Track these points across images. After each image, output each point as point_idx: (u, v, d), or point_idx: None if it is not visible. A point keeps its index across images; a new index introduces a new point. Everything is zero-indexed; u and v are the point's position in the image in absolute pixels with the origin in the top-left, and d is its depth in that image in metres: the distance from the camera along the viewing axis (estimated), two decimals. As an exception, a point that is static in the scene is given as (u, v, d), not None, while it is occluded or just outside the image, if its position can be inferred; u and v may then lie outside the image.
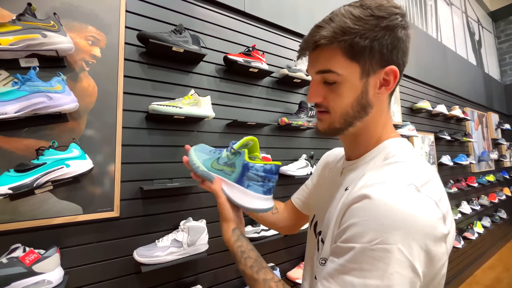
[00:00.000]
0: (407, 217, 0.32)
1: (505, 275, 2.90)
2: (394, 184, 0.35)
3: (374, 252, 0.31)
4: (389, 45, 0.40)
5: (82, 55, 0.95)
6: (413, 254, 0.31)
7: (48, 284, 0.76)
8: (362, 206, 0.34)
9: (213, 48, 1.30)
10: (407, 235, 0.31)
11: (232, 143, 0.51)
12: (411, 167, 0.39)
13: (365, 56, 0.40)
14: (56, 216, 0.86)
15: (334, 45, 0.40)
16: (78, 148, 0.86)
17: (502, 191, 3.83)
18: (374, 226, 0.32)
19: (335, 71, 0.41)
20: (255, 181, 0.48)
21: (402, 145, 0.44)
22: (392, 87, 0.43)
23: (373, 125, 0.46)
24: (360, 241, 0.32)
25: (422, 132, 2.59)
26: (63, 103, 0.83)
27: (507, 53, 5.06)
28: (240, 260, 0.47)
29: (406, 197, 0.33)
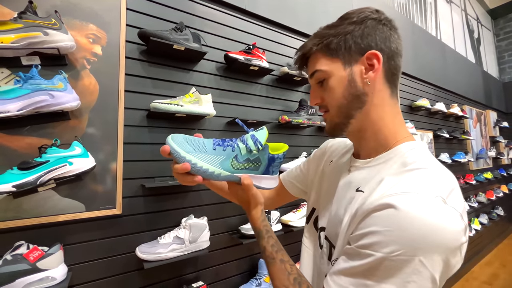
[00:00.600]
0: (433, 232, 0.31)
1: (502, 271, 2.94)
2: (421, 195, 0.33)
3: (394, 263, 0.32)
4: (362, 35, 0.44)
5: (83, 53, 0.95)
6: (434, 266, 0.31)
7: (52, 281, 0.77)
8: (386, 215, 0.33)
9: (214, 46, 1.30)
10: (431, 248, 0.31)
11: (254, 138, 0.50)
12: (434, 176, 0.37)
13: (342, 49, 0.45)
14: (59, 214, 0.86)
15: (315, 51, 0.47)
16: (80, 146, 0.86)
17: (500, 189, 3.86)
18: (397, 238, 0.32)
19: (320, 69, 0.47)
20: (277, 166, 0.55)
21: (420, 150, 0.43)
22: (379, 69, 0.44)
23: (377, 117, 0.45)
24: (381, 251, 0.32)
25: (421, 130, 2.61)
26: (65, 101, 0.83)
27: (506, 51, 5.07)
28: (264, 237, 0.50)
29: (434, 211, 0.32)
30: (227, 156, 0.49)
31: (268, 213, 1.31)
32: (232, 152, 0.49)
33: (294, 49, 1.66)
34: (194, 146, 0.47)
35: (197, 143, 0.48)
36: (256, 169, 0.52)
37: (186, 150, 0.46)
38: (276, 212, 1.34)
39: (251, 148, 0.49)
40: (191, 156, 0.46)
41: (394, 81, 0.47)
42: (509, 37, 5.04)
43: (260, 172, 0.53)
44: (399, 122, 0.47)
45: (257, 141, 0.50)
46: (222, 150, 0.49)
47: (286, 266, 0.45)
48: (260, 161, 0.52)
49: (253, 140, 0.50)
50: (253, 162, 0.51)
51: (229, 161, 0.49)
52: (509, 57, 5.03)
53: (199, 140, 0.49)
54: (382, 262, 0.32)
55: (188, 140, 0.47)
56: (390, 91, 0.46)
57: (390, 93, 0.47)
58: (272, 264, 0.46)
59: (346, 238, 0.40)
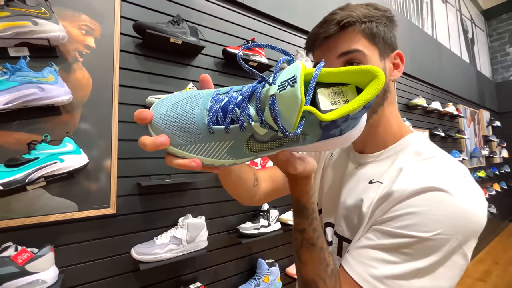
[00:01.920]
0: (470, 207, 0.33)
1: (494, 268, 2.99)
2: (456, 176, 0.35)
3: (433, 242, 0.32)
4: (392, 32, 0.45)
5: (75, 45, 0.91)
6: (467, 244, 0.33)
7: (42, 284, 0.73)
8: (425, 197, 0.34)
9: (212, 41, 1.27)
10: (467, 225, 0.32)
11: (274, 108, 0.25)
12: (449, 161, 0.39)
13: (380, 39, 0.43)
14: (50, 214, 0.82)
15: (356, 27, 0.42)
16: (72, 142, 0.82)
17: (492, 187, 3.93)
18: (437, 217, 0.32)
19: (360, 50, 0.41)
20: (350, 125, 0.28)
21: (425, 140, 0.45)
22: (402, 70, 0.46)
23: (390, 114, 0.46)
24: (420, 230, 0.33)
25: (417, 129, 2.62)
26: (56, 95, 0.79)
27: (498, 52, 5.15)
28: (308, 217, 0.39)
29: (466, 187, 0.34)
30: (235, 139, 0.29)
31: (267, 211, 1.29)
32: (242, 132, 0.28)
33: (293, 45, 1.63)
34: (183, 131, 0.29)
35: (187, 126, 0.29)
36: (298, 142, 0.29)
37: (175, 144, 0.29)
38: (275, 210, 1.32)
39: (271, 125, 0.27)
40: (183, 152, 0.30)
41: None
42: (501, 38, 5.12)
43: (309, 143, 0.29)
44: (400, 117, 0.49)
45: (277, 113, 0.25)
46: (224, 132, 0.29)
47: (325, 255, 0.39)
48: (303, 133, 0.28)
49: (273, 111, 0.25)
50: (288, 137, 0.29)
51: (242, 145, 0.30)
52: (502, 58, 5.11)
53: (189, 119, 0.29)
54: (419, 242, 0.32)
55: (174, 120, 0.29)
56: (394, 91, 0.49)
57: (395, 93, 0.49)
58: (310, 250, 0.39)
59: (369, 226, 0.40)
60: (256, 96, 0.27)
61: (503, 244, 3.74)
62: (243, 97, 0.28)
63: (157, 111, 0.29)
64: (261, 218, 1.25)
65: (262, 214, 1.27)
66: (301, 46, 1.68)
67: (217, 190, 1.22)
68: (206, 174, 1.18)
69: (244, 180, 0.51)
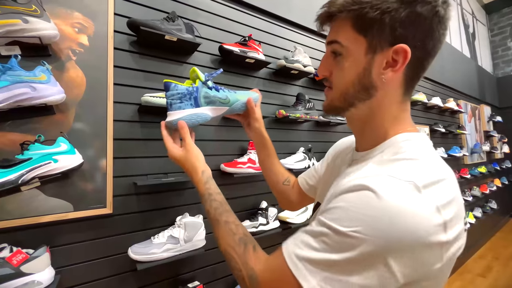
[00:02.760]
0: (394, 216, 0.30)
1: (495, 264, 2.99)
2: (392, 178, 0.32)
3: (350, 239, 0.31)
4: (404, 21, 0.35)
5: (68, 43, 0.89)
6: (393, 255, 0.30)
7: (38, 285, 0.73)
8: (353, 195, 0.33)
9: (208, 38, 1.25)
10: (390, 233, 0.30)
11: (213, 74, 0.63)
12: (420, 166, 0.35)
13: (373, 29, 0.37)
14: (45, 214, 0.81)
15: (344, 15, 0.39)
16: (66, 142, 0.81)
17: (493, 182, 3.92)
18: (358, 215, 0.31)
19: (340, 42, 0.40)
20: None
21: (417, 141, 0.40)
22: (399, 69, 0.38)
23: (380, 114, 0.42)
24: (340, 224, 0.32)
25: (417, 125, 2.60)
26: (49, 94, 0.77)
27: (500, 46, 5.11)
28: (207, 200, 0.51)
29: (400, 193, 0.31)
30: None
31: (266, 209, 1.28)
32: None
33: (291, 41, 1.61)
34: None
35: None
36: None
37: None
38: (273, 209, 1.31)
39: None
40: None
41: (413, 82, 0.41)
42: (503, 32, 5.07)
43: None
44: (404, 118, 0.43)
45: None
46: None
47: (231, 227, 0.46)
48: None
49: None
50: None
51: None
52: (503, 52, 5.07)
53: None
54: (336, 234, 0.32)
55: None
56: (404, 91, 0.41)
57: (404, 93, 0.41)
58: (217, 226, 0.48)
59: None
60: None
61: (503, 240, 3.74)
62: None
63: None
64: (260, 217, 1.25)
65: (260, 212, 1.27)
66: (299, 42, 1.66)
67: (215, 189, 1.21)
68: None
69: (277, 170, 0.74)
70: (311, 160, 1.49)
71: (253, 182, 1.35)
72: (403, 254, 0.30)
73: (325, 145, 1.72)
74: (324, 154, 0.69)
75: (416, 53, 0.37)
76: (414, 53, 0.37)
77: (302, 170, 1.41)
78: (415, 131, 0.42)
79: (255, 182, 1.36)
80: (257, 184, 1.36)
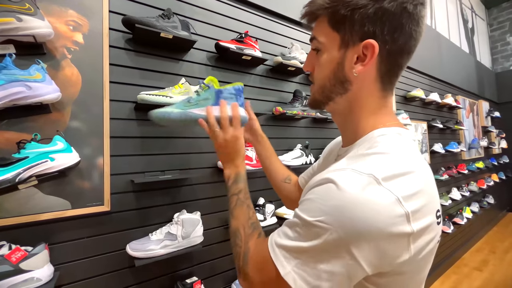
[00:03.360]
0: (354, 205, 0.32)
1: (491, 257, 3.03)
2: (354, 171, 0.34)
3: (316, 228, 0.34)
4: (372, 17, 0.37)
5: (63, 41, 0.89)
6: (355, 245, 0.32)
7: (38, 282, 0.74)
8: (320, 188, 0.36)
9: (204, 35, 1.25)
10: (350, 223, 0.31)
11: (201, 82, 0.67)
12: (387, 159, 0.35)
13: (345, 25, 0.40)
14: (43, 212, 0.82)
15: (321, 12, 0.42)
16: (63, 140, 0.82)
17: (490, 177, 3.94)
18: (322, 206, 0.34)
19: (318, 38, 0.43)
20: (230, 98, 0.64)
21: (393, 135, 0.40)
22: (368, 64, 0.39)
23: (358, 108, 0.43)
24: (308, 215, 0.35)
25: (415, 121, 2.61)
26: (44, 93, 0.78)
27: (499, 41, 5.09)
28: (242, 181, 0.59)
29: (359, 185, 0.32)
30: (180, 103, 0.67)
31: (263, 206, 1.29)
32: (186, 100, 0.67)
33: (288, 38, 1.61)
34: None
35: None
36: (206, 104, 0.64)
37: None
38: (271, 205, 1.32)
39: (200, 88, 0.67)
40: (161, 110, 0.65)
41: (389, 77, 0.42)
42: (502, 27, 5.05)
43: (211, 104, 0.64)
44: (385, 113, 0.44)
45: (202, 82, 0.66)
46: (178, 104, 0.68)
47: (250, 212, 0.53)
48: (208, 98, 0.64)
49: (200, 82, 0.67)
50: (203, 100, 0.65)
51: (183, 104, 0.66)
52: (502, 47, 5.06)
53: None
54: (304, 224, 0.35)
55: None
56: (381, 86, 0.42)
57: (381, 88, 0.42)
58: (240, 207, 0.54)
59: None
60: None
61: (500, 234, 3.78)
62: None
63: None
64: (257, 213, 1.26)
65: (258, 209, 1.28)
66: (296, 38, 1.65)
67: (212, 186, 1.22)
68: (200, 170, 1.18)
69: (278, 168, 0.78)
70: (308, 157, 1.49)
71: (250, 179, 1.36)
72: (364, 243, 0.31)
73: (322, 141, 1.72)
74: (321, 151, 0.71)
75: (386, 48, 0.39)
76: (384, 48, 0.39)
77: (299, 167, 1.42)
78: (396, 125, 0.43)
79: (252, 179, 1.37)
80: (254, 181, 1.37)
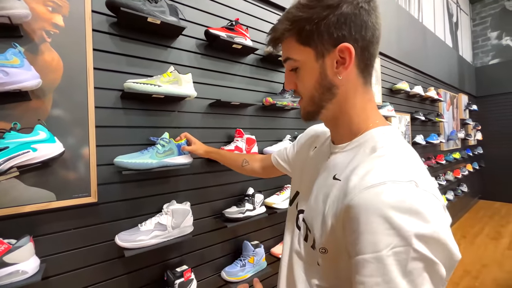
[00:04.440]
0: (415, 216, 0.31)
1: (462, 241, 3.27)
2: (396, 183, 0.33)
3: (390, 258, 0.30)
4: (336, 23, 0.40)
5: (41, 23, 0.83)
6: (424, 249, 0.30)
7: (23, 274, 0.72)
8: (365, 211, 0.33)
9: (193, 21, 1.20)
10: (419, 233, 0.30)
11: (155, 139, 1.02)
12: (403, 160, 0.38)
13: (314, 38, 0.42)
14: (26, 204, 0.79)
15: (287, 35, 0.44)
16: (45, 130, 0.78)
17: (466, 167, 4.18)
18: (384, 230, 0.31)
19: (292, 58, 0.45)
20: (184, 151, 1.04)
21: (390, 134, 0.44)
22: (349, 65, 0.42)
23: (348, 106, 0.46)
24: (375, 250, 0.31)
25: (399, 113, 2.69)
26: (23, 80, 0.73)
27: (480, 36, 5.27)
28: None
29: (412, 196, 0.32)
30: (148, 153, 0.96)
31: (252, 196, 1.31)
32: (152, 150, 0.97)
33: (279, 27, 1.58)
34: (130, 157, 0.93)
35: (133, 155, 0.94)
36: (172, 154, 1.01)
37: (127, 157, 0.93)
38: (260, 195, 1.34)
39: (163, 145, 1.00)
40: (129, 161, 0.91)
41: (367, 69, 0.45)
42: (484, 22, 5.21)
43: (176, 155, 1.02)
44: (371, 108, 0.47)
45: (156, 139, 1.01)
46: (142, 153, 0.96)
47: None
48: (172, 149, 1.01)
49: (157, 140, 1.01)
50: (169, 151, 1.00)
51: (154, 154, 0.96)
52: (483, 42, 5.24)
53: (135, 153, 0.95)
54: (380, 261, 0.31)
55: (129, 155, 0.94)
56: (363, 80, 0.46)
57: (363, 82, 0.46)
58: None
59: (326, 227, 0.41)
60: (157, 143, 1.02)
61: (471, 219, 4.07)
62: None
63: None
64: (246, 203, 1.28)
65: (247, 198, 1.30)
66: (287, 28, 1.63)
67: (202, 176, 1.22)
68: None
69: (233, 160, 0.98)
70: (297, 148, 1.51)
71: (240, 169, 1.37)
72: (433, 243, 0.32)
73: (311, 132, 1.75)
74: (310, 142, 0.72)
75: (359, 45, 0.42)
76: (357, 47, 0.42)
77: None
78: (386, 123, 0.46)
79: (242, 169, 1.38)
80: (244, 171, 1.38)
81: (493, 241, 3.24)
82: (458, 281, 2.37)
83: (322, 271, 0.44)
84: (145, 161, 0.93)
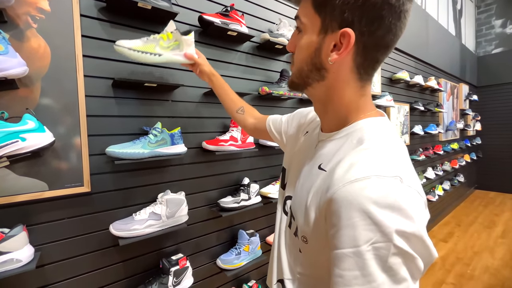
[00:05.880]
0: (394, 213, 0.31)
1: (456, 230, 3.33)
2: (380, 178, 0.33)
3: (369, 253, 0.30)
4: (352, 4, 0.36)
5: (25, 8, 0.80)
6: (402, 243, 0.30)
7: (18, 263, 0.73)
8: (347, 205, 0.32)
9: (186, 6, 1.16)
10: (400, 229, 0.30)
11: (147, 128, 1.01)
12: (388, 154, 0.37)
13: (326, 9, 0.38)
14: (17, 194, 0.79)
15: None
16: (34, 119, 0.77)
17: (463, 158, 4.20)
18: (365, 226, 0.31)
19: (300, 18, 0.42)
20: (179, 138, 1.07)
21: (379, 126, 0.42)
22: (342, 53, 0.38)
23: (336, 97, 0.43)
24: (354, 245, 0.31)
25: (398, 103, 2.67)
26: (8, 67, 0.71)
27: (484, 24, 5.15)
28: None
29: (396, 192, 0.32)
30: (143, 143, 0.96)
31: (248, 186, 1.31)
32: (145, 140, 0.97)
33: (276, 13, 1.54)
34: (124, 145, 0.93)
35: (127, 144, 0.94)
36: (166, 144, 1.01)
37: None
38: (255, 184, 1.35)
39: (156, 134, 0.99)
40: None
41: (365, 70, 0.41)
42: (489, 10, 5.08)
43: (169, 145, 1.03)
44: (364, 101, 0.44)
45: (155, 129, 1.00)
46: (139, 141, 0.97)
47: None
48: (164, 138, 1.01)
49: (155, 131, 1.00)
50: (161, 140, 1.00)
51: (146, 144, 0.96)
52: (487, 31, 5.13)
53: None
54: (360, 256, 0.31)
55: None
56: (357, 76, 0.41)
57: (357, 78, 0.41)
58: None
59: (308, 218, 0.41)
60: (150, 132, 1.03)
61: (467, 208, 4.13)
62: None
63: None
64: (242, 192, 1.28)
65: (242, 188, 1.30)
66: (285, 14, 1.58)
67: (197, 166, 1.22)
68: (184, 150, 1.16)
69: (231, 100, 0.89)
70: (293, 138, 1.51)
71: (235, 159, 1.37)
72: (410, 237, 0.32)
73: (308, 122, 1.73)
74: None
75: (363, 39, 0.37)
76: (360, 39, 0.37)
77: (284, 147, 1.44)
78: (378, 114, 0.44)
79: (237, 159, 1.37)
80: (239, 161, 1.38)
81: (487, 230, 3.30)
82: (450, 268, 2.43)
83: (303, 258, 0.45)
84: (137, 150, 0.93)
